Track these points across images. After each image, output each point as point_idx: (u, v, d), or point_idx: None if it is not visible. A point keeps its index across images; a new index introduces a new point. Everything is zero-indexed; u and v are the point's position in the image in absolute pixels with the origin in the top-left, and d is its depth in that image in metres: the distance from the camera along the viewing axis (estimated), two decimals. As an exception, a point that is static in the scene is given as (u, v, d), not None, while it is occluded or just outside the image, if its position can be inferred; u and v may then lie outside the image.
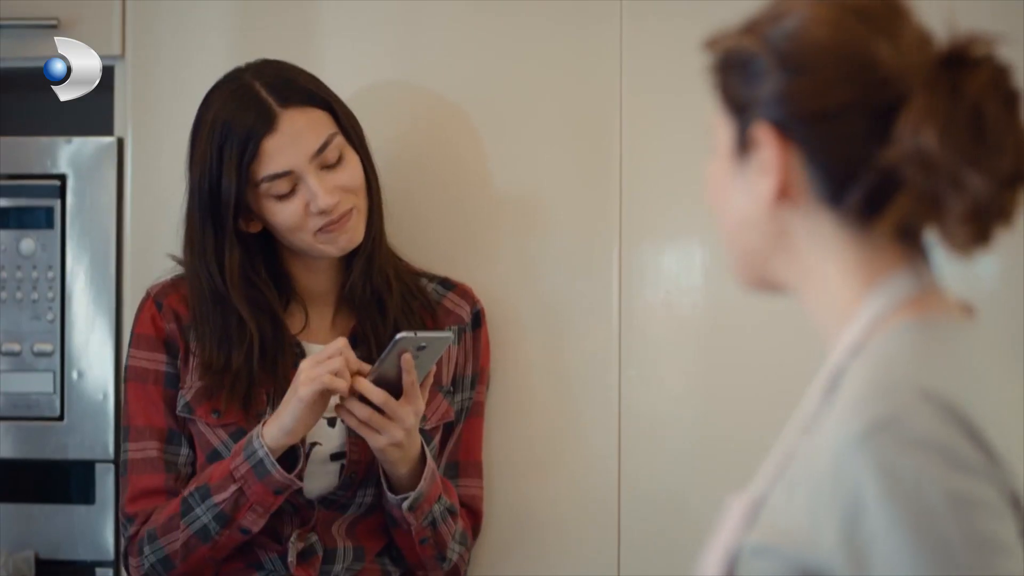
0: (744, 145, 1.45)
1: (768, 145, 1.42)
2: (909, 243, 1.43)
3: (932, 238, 1.42)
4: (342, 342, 2.31)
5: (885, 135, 1.38)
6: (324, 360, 2.29)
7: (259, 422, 2.38)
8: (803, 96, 1.41)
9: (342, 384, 2.28)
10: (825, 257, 1.45)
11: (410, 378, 2.29)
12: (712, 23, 2.56)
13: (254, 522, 2.37)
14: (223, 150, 2.38)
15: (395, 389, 2.30)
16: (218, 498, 2.36)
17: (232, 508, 2.36)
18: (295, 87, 2.42)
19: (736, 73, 1.45)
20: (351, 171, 2.44)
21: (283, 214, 2.41)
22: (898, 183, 1.37)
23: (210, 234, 2.42)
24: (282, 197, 2.40)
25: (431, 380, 2.35)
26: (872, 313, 1.42)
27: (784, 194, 1.43)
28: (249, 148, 2.37)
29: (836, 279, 1.45)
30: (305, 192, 2.40)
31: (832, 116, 1.40)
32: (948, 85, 1.36)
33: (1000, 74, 1.37)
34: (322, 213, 2.40)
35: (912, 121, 1.36)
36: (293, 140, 2.38)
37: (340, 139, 2.43)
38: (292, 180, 2.40)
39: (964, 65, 1.37)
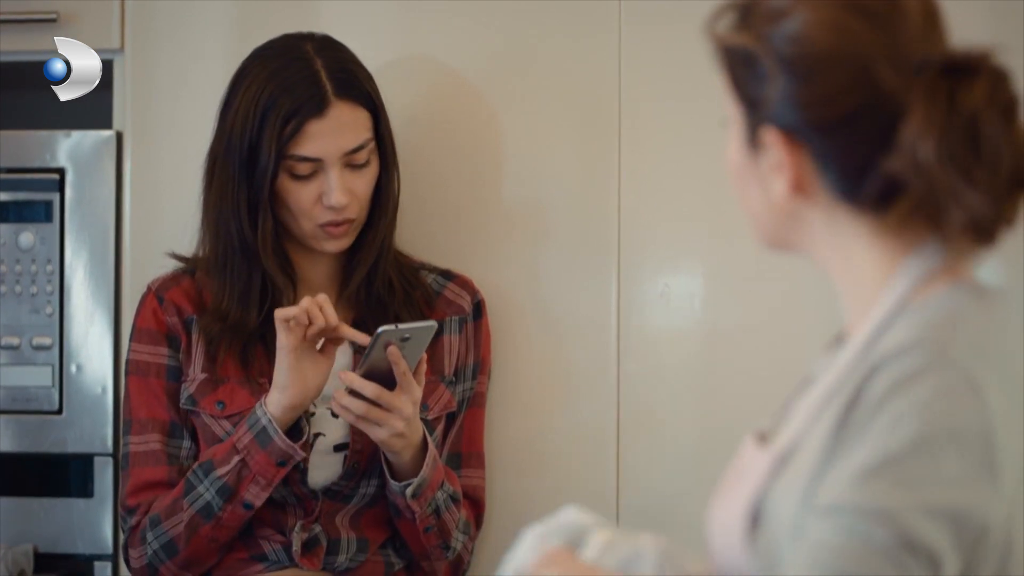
0: (754, 141, 1.46)
1: (778, 149, 1.43)
2: (932, 220, 1.43)
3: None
4: (321, 297, 2.33)
5: (891, 139, 1.38)
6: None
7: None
8: (810, 105, 1.41)
9: (291, 310, 2.31)
10: (847, 243, 1.45)
11: (400, 368, 2.30)
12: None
13: (257, 495, 2.38)
14: (267, 115, 2.40)
15: (388, 381, 2.31)
16: (221, 471, 2.37)
17: (235, 480, 2.37)
18: (354, 82, 2.45)
19: (740, 68, 1.46)
20: (367, 181, 2.47)
21: (295, 195, 2.43)
22: (903, 184, 1.39)
23: (244, 192, 2.43)
24: (299, 178, 2.42)
25: (424, 367, 2.36)
26: (902, 288, 1.43)
27: (799, 189, 1.44)
28: (292, 124, 2.39)
29: (862, 260, 1.45)
30: (322, 183, 2.42)
31: (840, 123, 1.41)
32: (945, 97, 1.37)
33: (998, 83, 1.38)
34: (330, 208, 2.42)
35: (912, 132, 1.37)
36: (334, 132, 2.41)
37: (373, 145, 2.46)
38: (316, 167, 2.42)
39: (962, 76, 1.37)
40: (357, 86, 2.45)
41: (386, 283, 2.51)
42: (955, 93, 1.37)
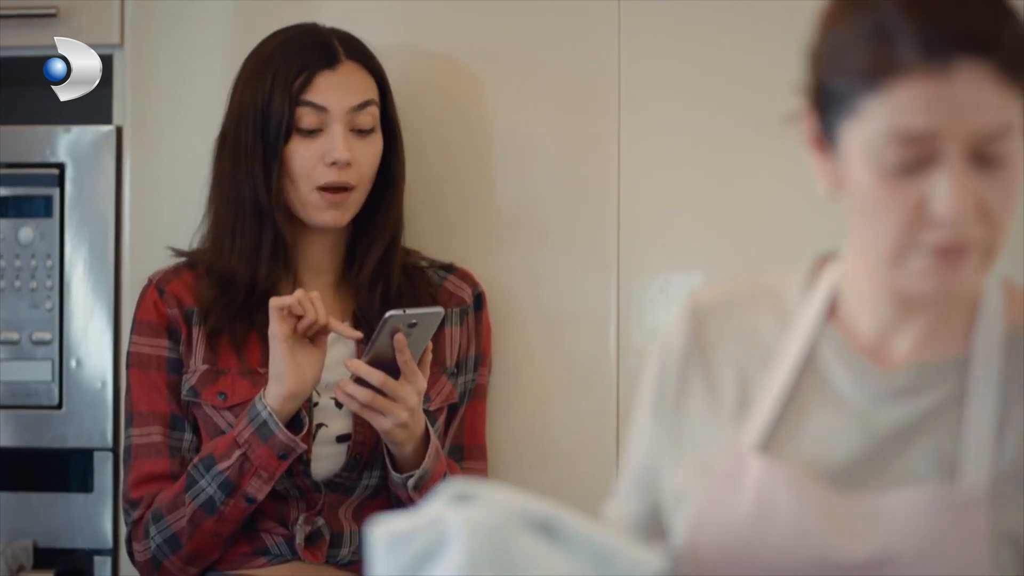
0: None
1: None
2: None
3: None
4: (314, 294, 2.35)
5: None
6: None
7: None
8: None
9: (287, 299, 2.32)
10: None
11: (404, 357, 2.30)
12: (709, 24, 2.60)
13: (259, 489, 2.38)
14: (278, 73, 2.46)
15: (394, 369, 2.31)
16: (223, 465, 2.37)
17: (237, 474, 2.37)
18: (364, 49, 2.53)
19: None
20: (371, 153, 2.49)
21: (299, 155, 2.45)
22: None
23: (259, 153, 2.46)
24: (304, 133, 2.45)
25: (429, 356, 2.36)
26: (996, 308, 1.47)
27: None
28: (304, 75, 2.46)
29: None
30: (326, 141, 2.45)
31: None
32: None
33: None
34: (333, 164, 2.44)
35: None
36: (343, 85, 2.47)
37: (376, 113, 2.51)
38: (321, 121, 2.46)
39: None
40: (367, 53, 2.53)
41: (398, 274, 2.52)
42: None
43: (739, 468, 1.46)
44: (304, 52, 2.47)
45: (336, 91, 2.46)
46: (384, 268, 2.52)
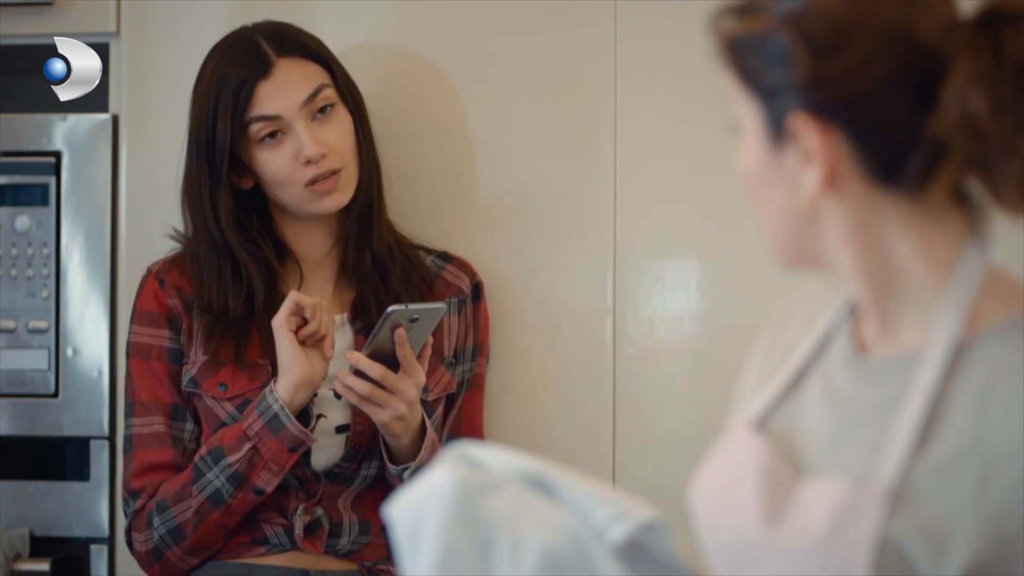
0: (779, 135, 1.35)
1: (809, 135, 1.33)
2: (965, 205, 1.36)
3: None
4: (325, 304, 2.36)
5: (930, 102, 1.30)
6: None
7: (260, 386, 2.41)
8: (840, 78, 1.31)
9: (308, 299, 2.33)
10: (881, 237, 1.36)
11: (404, 351, 2.30)
12: (706, 17, 2.60)
13: (268, 481, 2.38)
14: (219, 98, 2.43)
15: (393, 362, 2.31)
16: (232, 458, 2.37)
17: (247, 467, 2.37)
18: (294, 40, 2.48)
19: (755, 57, 1.35)
20: (341, 130, 2.47)
21: (272, 164, 2.44)
22: (946, 149, 1.31)
23: (206, 182, 2.45)
24: (271, 145, 2.43)
25: (429, 351, 2.36)
26: (958, 309, 1.34)
27: (831, 179, 1.34)
28: (243, 92, 2.42)
29: (900, 253, 1.37)
30: (293, 141, 2.43)
31: (875, 93, 1.31)
32: (991, 46, 1.30)
33: None
34: (309, 163, 2.43)
35: (958, 86, 1.29)
36: (285, 86, 2.43)
37: (332, 92, 2.48)
38: (280, 126, 2.44)
39: (1004, 23, 1.30)
40: (298, 42, 2.48)
41: (386, 250, 2.51)
42: (1001, 42, 1.30)
43: (732, 437, 1.47)
44: (237, 66, 2.43)
45: (280, 96, 2.43)
46: (365, 235, 2.50)
